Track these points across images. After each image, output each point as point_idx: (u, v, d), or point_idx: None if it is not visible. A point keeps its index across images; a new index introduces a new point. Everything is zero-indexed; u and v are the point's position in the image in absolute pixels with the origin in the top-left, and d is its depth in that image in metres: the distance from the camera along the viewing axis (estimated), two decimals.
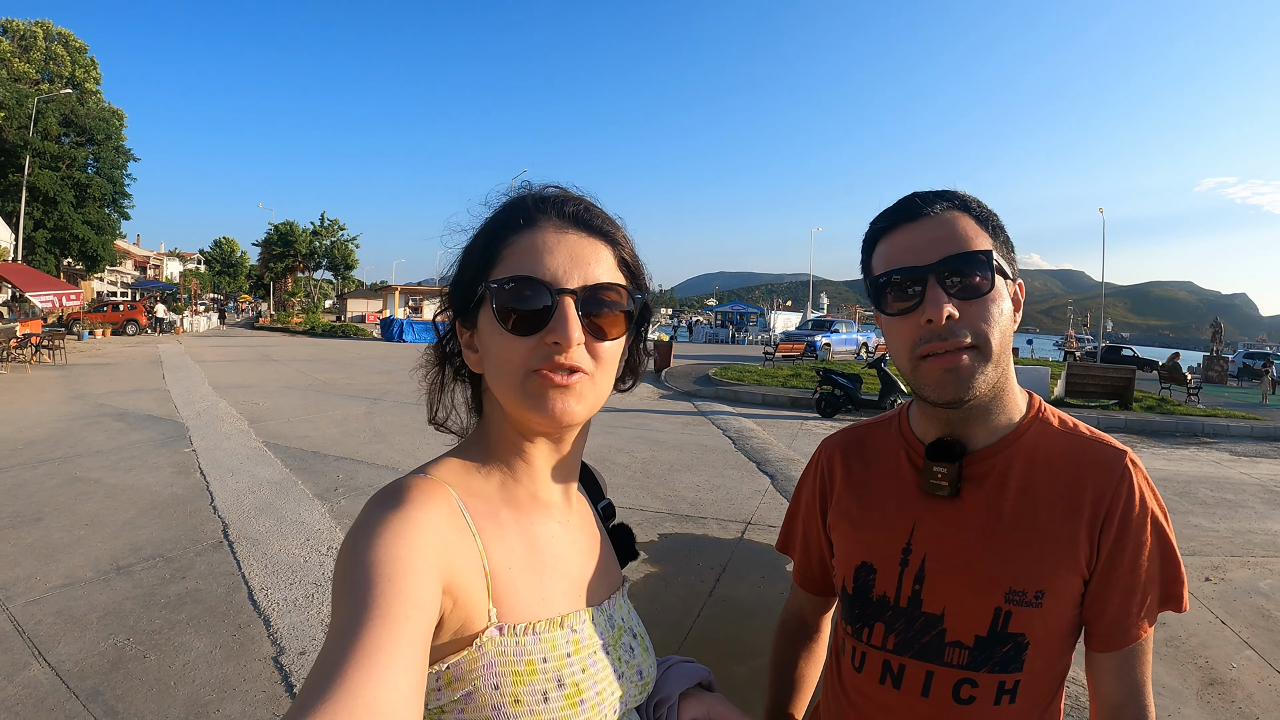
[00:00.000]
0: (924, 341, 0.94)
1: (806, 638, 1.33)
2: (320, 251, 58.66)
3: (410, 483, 0.75)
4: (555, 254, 0.79)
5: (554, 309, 0.77)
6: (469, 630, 0.72)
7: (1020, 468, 1.01)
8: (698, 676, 0.99)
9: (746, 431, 10.86)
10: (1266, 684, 3.77)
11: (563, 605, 0.81)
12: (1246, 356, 33.32)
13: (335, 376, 16.96)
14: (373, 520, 0.69)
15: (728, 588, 4.82)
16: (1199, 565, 5.55)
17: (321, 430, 9.90)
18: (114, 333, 30.51)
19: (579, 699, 0.76)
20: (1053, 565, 0.96)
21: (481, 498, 0.81)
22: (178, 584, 4.56)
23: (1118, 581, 0.97)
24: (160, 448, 8.45)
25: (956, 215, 0.97)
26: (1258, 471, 9.37)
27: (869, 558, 1.08)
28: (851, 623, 1.10)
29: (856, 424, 1.25)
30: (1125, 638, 0.98)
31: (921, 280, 0.94)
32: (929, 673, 1.01)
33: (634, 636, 0.90)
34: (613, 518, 1.03)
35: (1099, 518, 0.97)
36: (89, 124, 34.97)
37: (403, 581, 0.63)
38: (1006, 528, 0.99)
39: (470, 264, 0.83)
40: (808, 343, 26.76)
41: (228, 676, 3.50)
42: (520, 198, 0.84)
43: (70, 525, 5.59)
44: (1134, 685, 0.99)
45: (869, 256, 1.04)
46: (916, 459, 1.08)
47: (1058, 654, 1.00)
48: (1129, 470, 0.98)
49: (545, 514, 0.86)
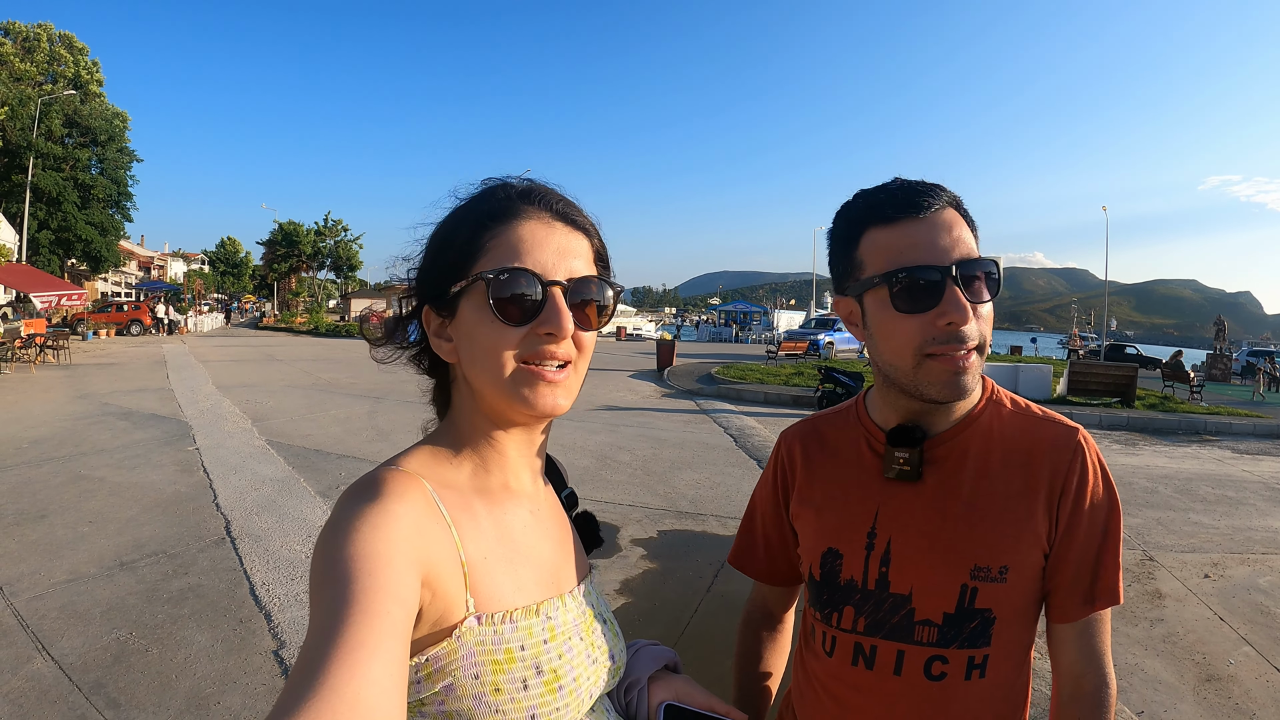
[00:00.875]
0: (937, 342, 0.95)
1: (771, 628, 1.34)
2: (324, 251, 58.68)
3: (383, 475, 0.75)
4: (544, 247, 0.80)
5: (545, 301, 0.78)
6: (447, 621, 0.72)
7: (978, 449, 1.05)
8: (665, 658, 1.00)
9: (748, 429, 10.87)
10: (1264, 680, 3.77)
11: (537, 593, 0.82)
12: (1250, 355, 33.24)
13: (338, 376, 17.00)
14: (348, 515, 0.68)
15: (725, 584, 4.84)
16: (1199, 562, 5.55)
17: (324, 429, 9.94)
18: (118, 333, 30.61)
19: (557, 685, 0.77)
20: (1014, 540, 1.00)
21: (454, 488, 0.81)
22: (180, 579, 4.59)
23: (1072, 553, 1.01)
24: (164, 446, 8.49)
25: (954, 214, 0.98)
26: (1259, 469, 9.36)
27: (834, 543, 1.10)
28: (820, 608, 1.12)
29: (815, 415, 1.26)
30: (1080, 609, 1.02)
31: (940, 282, 0.94)
32: (900, 652, 1.03)
33: (604, 622, 0.91)
34: (575, 506, 1.03)
35: (1055, 492, 1.01)
36: (92, 124, 35.07)
37: (382, 576, 0.63)
38: (967, 506, 1.02)
39: (449, 253, 0.83)
40: (810, 341, 26.76)
41: (229, 670, 3.53)
42: (502, 189, 0.85)
43: (74, 522, 5.63)
44: (1093, 654, 1.02)
45: (854, 242, 1.02)
46: (877, 445, 1.10)
47: (1023, 627, 1.04)
48: (1081, 446, 1.03)
49: (517, 503, 0.87)
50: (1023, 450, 1.04)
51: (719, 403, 14.06)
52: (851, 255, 1.03)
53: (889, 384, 1.05)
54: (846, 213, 1.04)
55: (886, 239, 0.98)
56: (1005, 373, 15.57)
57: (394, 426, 10.28)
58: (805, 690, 1.17)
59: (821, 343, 27.82)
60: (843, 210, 1.05)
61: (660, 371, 19.02)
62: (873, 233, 0.99)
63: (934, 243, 0.95)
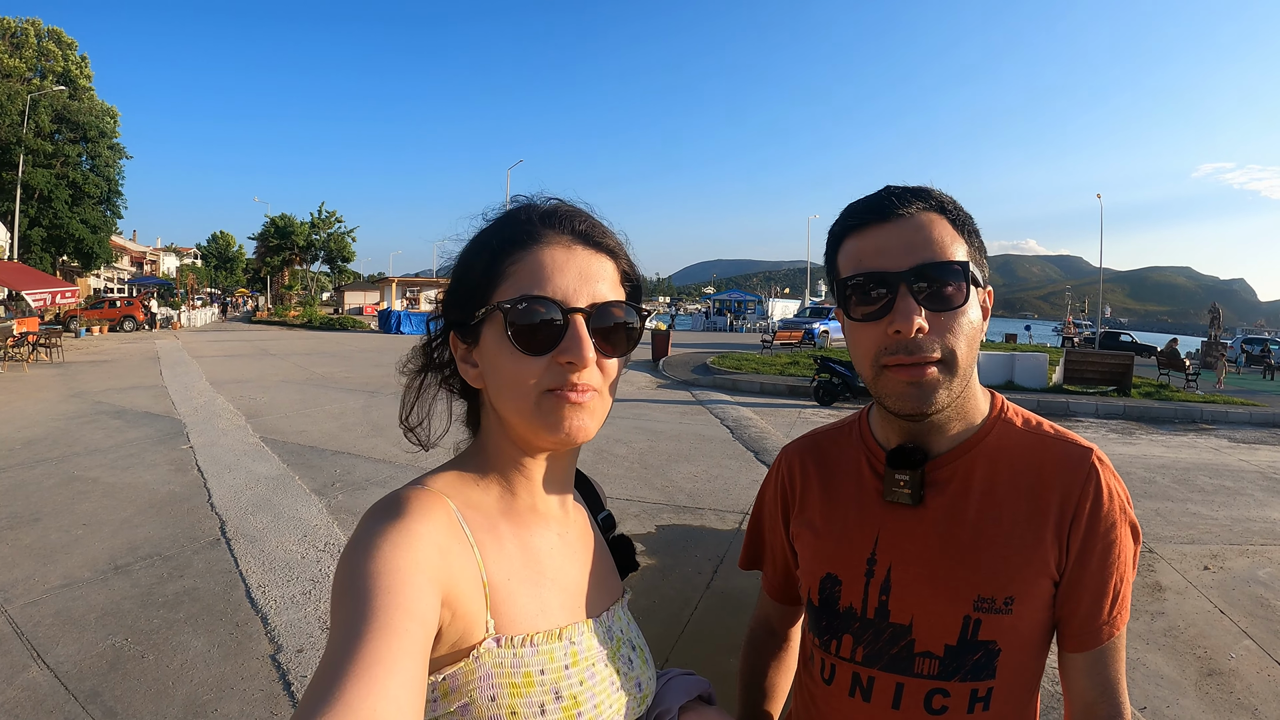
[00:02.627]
0: (889, 352, 0.91)
1: (776, 647, 1.31)
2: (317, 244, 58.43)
3: (409, 494, 0.75)
4: (565, 272, 0.79)
5: (566, 329, 0.77)
6: (467, 642, 0.72)
7: (983, 472, 0.99)
8: (698, 689, 0.98)
9: (744, 420, 10.86)
10: (1265, 674, 3.77)
11: (561, 617, 0.81)
12: (1245, 342, 33.33)
13: (332, 370, 16.97)
14: (371, 532, 0.68)
15: (725, 579, 4.82)
16: (1198, 554, 5.55)
17: (319, 425, 9.90)
18: (111, 329, 30.46)
19: (577, 711, 0.75)
20: (1021, 570, 0.94)
21: (479, 509, 0.80)
22: (175, 583, 4.55)
23: (1086, 582, 0.95)
24: (158, 445, 8.44)
25: (932, 218, 0.93)
26: (1256, 458, 9.38)
27: (833, 568, 1.05)
28: (819, 635, 1.07)
29: (816, 430, 1.21)
30: (1095, 638, 0.97)
31: (892, 287, 0.90)
32: (899, 684, 0.98)
33: (633, 649, 0.90)
34: (613, 529, 1.03)
35: (1066, 518, 0.95)
36: (82, 120, 34.82)
37: (402, 594, 0.63)
38: (971, 534, 0.97)
39: (472, 279, 0.82)
40: (805, 330, 26.75)
41: (225, 675, 3.50)
42: (524, 212, 0.84)
43: (68, 525, 5.59)
44: (1107, 683, 0.98)
45: (834, 253, 1.00)
46: (878, 466, 1.05)
47: (1031, 657, 0.99)
48: (1095, 468, 0.96)
49: (543, 525, 0.87)
50: (1031, 473, 0.98)
51: (715, 393, 14.06)
52: (833, 263, 1.00)
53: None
54: (834, 222, 1.01)
55: (854, 245, 0.95)
56: (1001, 361, 15.58)
57: (389, 422, 10.16)
58: (803, 716, 1.14)
59: (817, 331, 27.81)
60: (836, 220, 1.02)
61: (655, 362, 19.00)
62: (846, 240, 0.97)
63: (893, 247, 0.91)
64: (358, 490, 6.73)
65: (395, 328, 34.06)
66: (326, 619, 4.07)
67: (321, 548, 5.19)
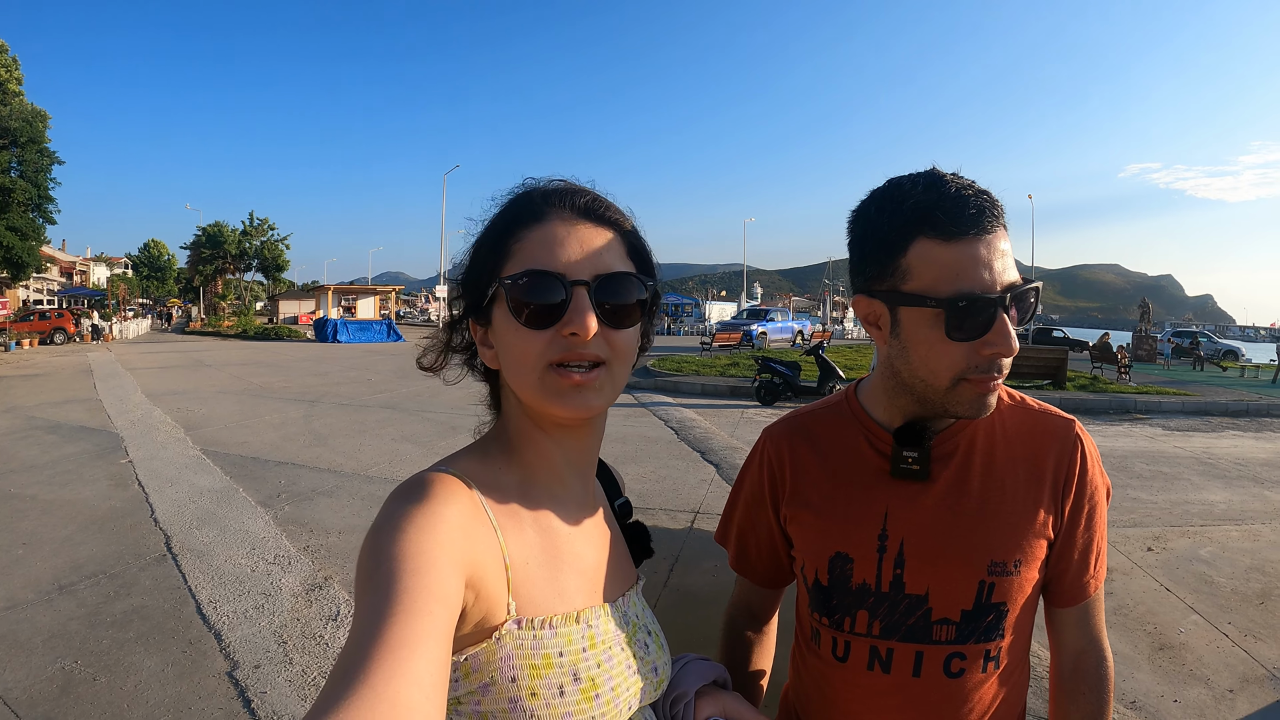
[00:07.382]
0: (978, 370, 0.92)
1: (756, 629, 1.33)
2: (250, 252, 57.17)
3: (431, 477, 0.75)
4: (566, 245, 0.79)
5: (568, 301, 0.77)
6: (489, 623, 0.72)
7: (982, 444, 1.06)
8: (713, 674, 1.00)
9: (688, 422, 10.88)
10: (1214, 646, 3.93)
11: (579, 600, 0.82)
12: (1174, 335, 34.60)
13: (270, 380, 16.59)
14: (395, 515, 0.69)
15: (681, 577, 4.83)
16: (1140, 536, 5.75)
17: (260, 435, 9.66)
18: (41, 342, 29.35)
19: (594, 693, 0.76)
20: (1024, 533, 1.02)
21: (501, 491, 0.81)
22: (123, 601, 4.38)
23: (1077, 541, 1.05)
24: (96, 460, 8.13)
25: (1004, 231, 0.93)
26: (1190, 445, 9.76)
27: (843, 547, 1.07)
28: (829, 614, 1.08)
29: (797, 412, 1.23)
30: (1084, 592, 1.07)
31: (993, 311, 0.90)
32: (919, 653, 1.02)
33: (649, 634, 0.91)
34: (629, 515, 1.04)
35: (1059, 483, 1.04)
36: (11, 125, 33.41)
37: (427, 576, 0.63)
38: (978, 503, 1.03)
39: (481, 260, 0.83)
40: (744, 332, 27.10)
41: (182, 695, 3.37)
42: (528, 192, 0.85)
43: (7, 545, 5.34)
44: (1093, 633, 1.09)
45: (898, 248, 0.93)
46: (879, 444, 1.08)
47: (1028, 613, 1.06)
48: (1080, 437, 1.06)
49: (563, 508, 0.87)
50: (1025, 443, 1.06)
51: (657, 395, 14.07)
52: (895, 260, 0.94)
53: (904, 391, 1.02)
54: (893, 211, 0.94)
55: (945, 256, 0.90)
56: None
57: (331, 430, 10.06)
58: (814, 696, 1.15)
59: (755, 333, 28.43)
60: (886, 204, 0.96)
61: None
62: (927, 244, 0.91)
63: (990, 266, 0.90)
64: (304, 501, 6.58)
65: (332, 336, 33.28)
66: (282, 633, 3.96)
67: (271, 560, 5.05)
